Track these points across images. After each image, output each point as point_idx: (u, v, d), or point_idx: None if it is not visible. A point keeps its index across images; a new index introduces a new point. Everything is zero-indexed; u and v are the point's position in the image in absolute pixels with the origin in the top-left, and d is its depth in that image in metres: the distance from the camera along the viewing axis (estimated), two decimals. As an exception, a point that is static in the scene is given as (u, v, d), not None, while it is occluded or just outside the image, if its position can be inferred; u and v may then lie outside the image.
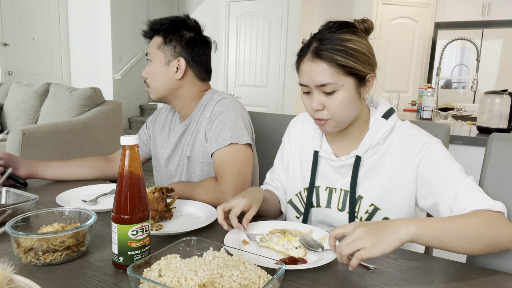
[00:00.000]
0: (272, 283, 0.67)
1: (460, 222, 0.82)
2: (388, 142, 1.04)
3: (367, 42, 1.00)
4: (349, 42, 0.96)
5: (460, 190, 0.91)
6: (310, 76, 0.97)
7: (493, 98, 2.21)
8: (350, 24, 1.00)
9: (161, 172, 1.43)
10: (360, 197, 1.05)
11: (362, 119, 1.06)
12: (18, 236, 0.79)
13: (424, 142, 1.00)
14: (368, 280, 0.78)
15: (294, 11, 4.29)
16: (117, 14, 5.69)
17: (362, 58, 0.96)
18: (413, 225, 0.77)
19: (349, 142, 1.08)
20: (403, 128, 1.04)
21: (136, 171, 0.78)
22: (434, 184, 0.96)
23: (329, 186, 1.10)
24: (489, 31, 4.90)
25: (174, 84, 1.30)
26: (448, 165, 0.96)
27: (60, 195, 1.18)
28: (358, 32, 0.99)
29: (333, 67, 0.95)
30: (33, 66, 5.90)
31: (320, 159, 1.11)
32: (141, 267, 0.71)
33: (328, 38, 0.96)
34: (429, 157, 0.98)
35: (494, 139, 1.08)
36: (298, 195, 1.16)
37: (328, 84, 0.96)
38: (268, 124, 1.59)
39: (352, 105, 0.99)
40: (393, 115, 1.06)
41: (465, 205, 0.89)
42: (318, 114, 1.01)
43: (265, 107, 4.58)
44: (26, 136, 2.80)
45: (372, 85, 1.02)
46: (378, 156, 1.04)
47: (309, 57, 0.98)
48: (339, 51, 0.94)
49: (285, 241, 0.88)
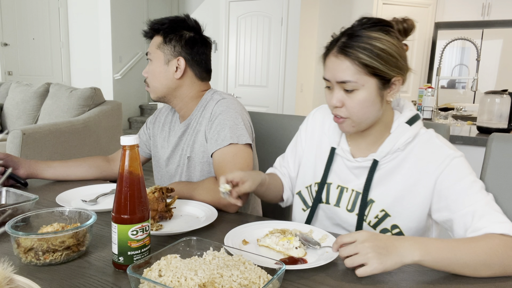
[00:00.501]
0: (272, 283, 0.67)
1: (469, 250, 0.79)
2: (408, 149, 1.00)
3: (398, 43, 0.95)
4: (377, 41, 0.92)
5: (478, 210, 0.88)
6: (333, 71, 0.96)
7: (493, 98, 2.21)
8: (385, 22, 0.96)
9: (161, 172, 1.43)
10: (372, 201, 1.02)
11: (384, 122, 1.03)
12: (18, 236, 0.79)
13: (447, 155, 0.95)
14: (367, 280, 0.78)
15: (294, 11, 4.29)
16: (117, 14, 5.70)
17: (388, 59, 0.93)
18: (418, 252, 0.77)
19: (367, 144, 1.05)
20: (426, 137, 1.00)
21: (136, 171, 0.78)
22: (451, 201, 0.92)
23: (341, 185, 1.07)
24: (489, 31, 4.90)
25: (174, 84, 1.30)
26: (469, 182, 0.92)
27: (60, 195, 1.18)
28: (392, 31, 0.95)
29: (356, 65, 0.92)
30: (33, 66, 5.90)
31: (336, 156, 1.09)
32: (141, 267, 0.71)
33: (357, 35, 0.93)
34: (450, 172, 0.94)
35: (494, 139, 1.08)
36: (308, 188, 1.14)
37: (348, 82, 0.93)
38: (268, 124, 1.59)
39: (372, 107, 0.96)
40: (418, 121, 1.03)
41: (481, 226, 0.85)
42: (336, 110, 0.99)
43: (265, 107, 4.58)
44: (26, 136, 2.80)
45: (398, 89, 0.98)
46: (396, 162, 1.01)
47: (334, 52, 0.96)
48: (365, 50, 0.91)
49: (285, 241, 0.88)
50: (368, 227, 1.03)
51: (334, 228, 1.10)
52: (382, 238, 0.78)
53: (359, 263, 0.75)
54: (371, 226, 1.03)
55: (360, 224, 1.03)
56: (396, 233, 1.01)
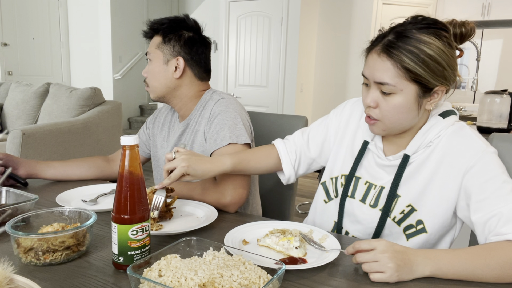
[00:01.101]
0: (272, 283, 0.67)
1: (482, 263, 0.77)
2: (437, 140, 0.95)
3: (449, 51, 0.89)
4: (426, 45, 0.86)
5: (505, 215, 0.82)
6: (372, 70, 0.91)
7: (493, 98, 2.21)
8: (440, 24, 0.90)
9: (160, 172, 1.43)
10: (397, 196, 0.98)
11: (419, 128, 0.98)
12: (18, 236, 0.79)
13: (479, 148, 0.89)
14: (367, 280, 0.77)
15: (294, 11, 4.30)
16: (117, 14, 5.70)
17: (434, 67, 0.87)
18: (429, 268, 0.77)
19: (400, 144, 1.01)
20: (458, 126, 0.95)
21: (136, 171, 0.78)
22: (478, 201, 0.87)
23: (369, 181, 1.03)
24: (489, 31, 4.90)
25: (173, 83, 1.30)
26: (500, 182, 0.86)
27: (60, 195, 1.18)
28: (445, 36, 0.89)
29: (398, 68, 0.87)
30: (33, 66, 5.90)
31: (368, 151, 1.05)
32: (141, 267, 0.71)
33: (406, 35, 0.87)
34: (479, 168, 0.88)
35: (494, 139, 1.08)
36: (333, 179, 1.10)
37: (386, 84, 0.89)
38: (268, 124, 1.59)
39: (407, 114, 0.91)
40: (453, 116, 0.97)
41: (505, 232, 0.81)
42: (369, 110, 0.95)
43: (265, 107, 4.59)
44: (26, 136, 2.80)
45: (439, 99, 0.93)
46: (426, 154, 0.96)
47: (377, 50, 0.90)
48: (410, 53, 0.86)
49: (285, 241, 0.88)
50: (392, 223, 0.99)
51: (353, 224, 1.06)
52: (400, 250, 0.78)
53: (376, 270, 0.76)
54: (395, 222, 0.99)
55: (383, 220, 0.99)
56: (420, 229, 0.97)
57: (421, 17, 0.91)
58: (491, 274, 0.77)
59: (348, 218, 1.07)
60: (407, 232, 0.99)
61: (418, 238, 0.98)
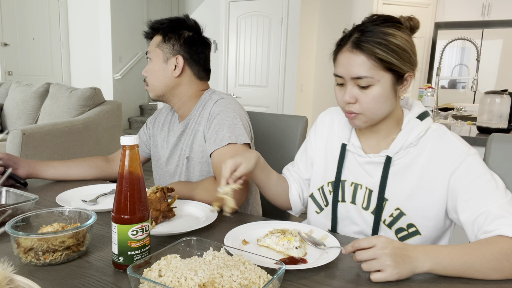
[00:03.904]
0: (272, 283, 0.67)
1: (479, 256, 0.79)
2: (421, 145, 0.99)
3: (410, 39, 0.96)
4: (392, 36, 0.93)
5: (492, 212, 0.86)
6: (347, 67, 0.94)
7: (493, 98, 2.21)
8: (395, 19, 0.97)
9: (160, 172, 1.43)
10: (385, 199, 1.01)
11: (395, 118, 1.03)
12: (18, 236, 0.79)
13: (461, 151, 0.94)
14: (367, 280, 0.78)
15: (294, 11, 4.29)
16: (117, 14, 5.70)
17: (403, 55, 0.93)
18: (429, 262, 0.77)
19: (378, 140, 1.05)
20: (440, 132, 0.99)
21: (136, 171, 0.78)
22: (465, 201, 0.91)
23: (354, 181, 1.06)
24: (489, 31, 4.90)
25: (172, 82, 1.30)
26: (484, 181, 0.90)
27: (60, 195, 1.18)
28: (403, 28, 0.96)
29: (372, 60, 0.92)
30: (33, 66, 5.90)
31: (347, 153, 1.08)
32: (141, 267, 0.71)
33: (370, 30, 0.93)
34: (463, 169, 0.92)
35: (494, 139, 1.08)
36: (320, 189, 1.12)
37: (364, 77, 0.93)
38: (268, 124, 1.59)
39: (386, 102, 0.96)
40: (428, 117, 1.02)
41: (493, 228, 0.84)
42: (349, 107, 0.97)
43: (265, 107, 4.58)
44: (26, 136, 2.80)
45: (409, 85, 0.98)
46: (410, 158, 0.99)
47: (348, 47, 0.95)
48: (380, 45, 0.91)
49: (285, 241, 0.88)
50: (384, 226, 1.01)
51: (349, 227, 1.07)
52: (399, 247, 0.78)
53: (375, 269, 0.76)
54: (386, 225, 1.01)
55: (377, 223, 1.01)
56: (412, 232, 0.99)
57: (376, 15, 0.98)
58: (488, 266, 0.78)
59: (343, 223, 1.09)
60: (398, 235, 1.01)
61: (412, 240, 1.00)
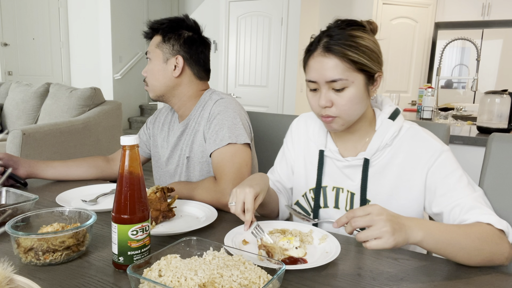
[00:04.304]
0: (272, 283, 0.67)
1: (464, 234, 0.82)
2: (396, 145, 1.02)
3: (375, 40, 0.99)
4: (360, 38, 0.95)
5: (466, 204, 0.91)
6: (320, 71, 0.96)
7: (493, 98, 2.21)
8: (359, 22, 1.00)
9: (160, 172, 1.43)
10: (368, 201, 1.03)
11: (368, 119, 1.05)
12: (18, 236, 0.79)
13: (435, 148, 0.98)
14: (368, 279, 0.78)
15: (294, 11, 4.29)
16: (117, 14, 5.70)
17: (372, 55, 0.96)
18: (422, 232, 0.78)
19: (354, 142, 1.07)
20: (413, 131, 1.02)
21: (136, 171, 0.78)
22: (441, 195, 0.95)
23: (336, 186, 1.08)
24: (489, 31, 4.90)
25: (172, 82, 1.30)
26: (457, 177, 0.95)
27: (60, 195, 1.18)
28: (367, 30, 0.99)
29: (345, 62, 0.93)
30: (33, 66, 5.90)
31: (326, 158, 1.09)
32: (141, 267, 0.71)
33: (338, 34, 0.95)
34: (438, 166, 0.97)
35: (494, 139, 1.08)
36: (304, 196, 1.14)
37: (338, 80, 0.94)
38: (268, 124, 1.59)
39: (361, 103, 0.98)
40: (399, 116, 1.05)
41: (468, 218, 0.89)
42: (326, 111, 0.98)
43: (265, 107, 4.58)
44: (26, 136, 2.80)
45: (379, 84, 1.01)
46: (386, 159, 1.02)
47: (319, 52, 0.96)
48: (350, 47, 0.93)
49: (285, 241, 0.88)
50: None
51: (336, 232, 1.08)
52: (394, 214, 0.78)
53: (373, 237, 0.74)
54: None
55: None
56: None
57: (340, 20, 0.99)
58: (472, 245, 0.81)
59: (326, 228, 1.09)
60: None
61: None
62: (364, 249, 0.91)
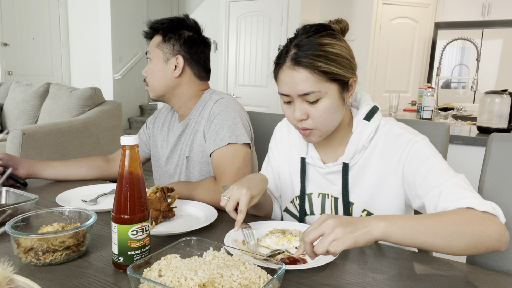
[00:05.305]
0: (272, 283, 0.67)
1: (437, 219, 0.78)
2: (372, 144, 1.00)
3: (346, 45, 0.95)
4: (329, 46, 0.90)
5: (445, 189, 0.87)
6: (291, 85, 0.92)
7: (493, 98, 2.21)
8: (327, 26, 0.96)
9: (160, 172, 1.43)
10: (351, 203, 1.02)
11: (345, 122, 1.03)
12: (18, 236, 0.79)
13: (408, 140, 0.95)
14: (367, 280, 0.78)
15: (294, 11, 4.29)
16: (117, 14, 5.69)
17: (343, 62, 0.92)
18: (383, 223, 0.74)
19: (334, 147, 1.05)
20: (387, 128, 1.00)
21: (136, 171, 0.78)
22: (419, 185, 0.92)
23: (321, 192, 1.07)
24: (489, 31, 4.90)
25: (172, 82, 1.30)
26: (434, 163, 0.91)
27: (60, 195, 1.18)
28: (337, 35, 0.95)
29: (316, 74, 0.89)
30: (33, 66, 5.90)
31: (308, 165, 1.08)
32: (141, 267, 0.71)
33: (306, 44, 0.90)
34: (413, 157, 0.94)
35: (494, 139, 1.08)
36: (292, 202, 1.13)
37: (311, 93, 0.90)
38: (267, 124, 1.59)
39: (337, 112, 0.95)
40: (376, 114, 1.02)
41: (448, 205, 0.85)
42: (302, 123, 0.95)
43: (265, 107, 4.58)
44: (26, 136, 2.80)
45: (354, 89, 0.98)
46: (364, 159, 1.00)
47: (288, 65, 0.91)
48: (320, 57, 0.89)
49: (285, 241, 0.88)
50: None
51: None
52: (343, 216, 0.77)
53: (328, 242, 0.72)
54: None
55: None
56: None
57: (308, 25, 0.95)
58: (447, 229, 0.76)
59: None
60: None
61: None
62: (364, 249, 0.92)
